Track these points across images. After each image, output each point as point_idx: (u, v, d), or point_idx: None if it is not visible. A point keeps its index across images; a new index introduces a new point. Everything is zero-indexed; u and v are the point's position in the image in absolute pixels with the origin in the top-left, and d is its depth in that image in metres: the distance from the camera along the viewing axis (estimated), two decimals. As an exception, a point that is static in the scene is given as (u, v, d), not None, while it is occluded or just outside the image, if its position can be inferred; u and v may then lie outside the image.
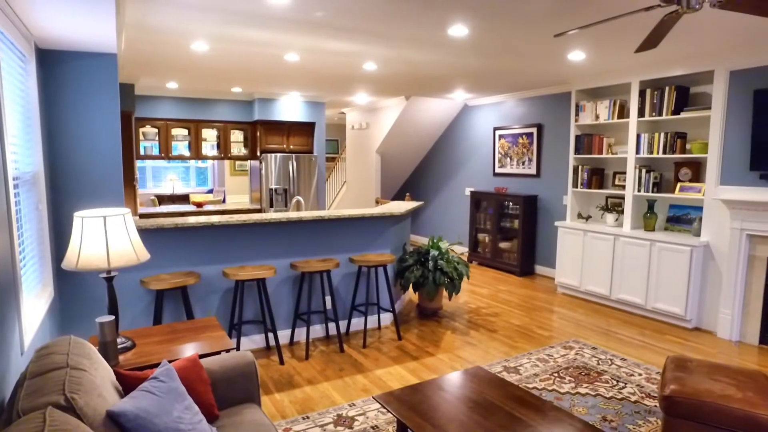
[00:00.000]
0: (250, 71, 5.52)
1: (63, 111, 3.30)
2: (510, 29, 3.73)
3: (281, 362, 3.88)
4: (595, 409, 3.15)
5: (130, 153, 5.81)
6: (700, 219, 4.82)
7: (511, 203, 7.08)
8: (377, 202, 8.52)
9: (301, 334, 4.41)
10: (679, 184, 4.96)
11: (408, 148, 9.03)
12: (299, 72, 5.56)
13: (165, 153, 7.13)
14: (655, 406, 3.21)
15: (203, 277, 3.93)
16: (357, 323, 4.70)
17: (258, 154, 7.53)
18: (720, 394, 2.45)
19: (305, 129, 7.85)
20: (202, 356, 2.39)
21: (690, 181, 4.92)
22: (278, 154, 7.44)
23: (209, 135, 7.55)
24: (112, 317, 2.24)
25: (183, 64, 5.07)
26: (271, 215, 4.17)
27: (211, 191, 11.67)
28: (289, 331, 4.35)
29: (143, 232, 3.65)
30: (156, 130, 7.06)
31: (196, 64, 5.11)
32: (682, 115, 4.82)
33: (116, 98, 3.43)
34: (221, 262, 3.98)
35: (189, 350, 2.46)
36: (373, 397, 2.74)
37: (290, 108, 7.64)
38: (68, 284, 3.42)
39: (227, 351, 2.48)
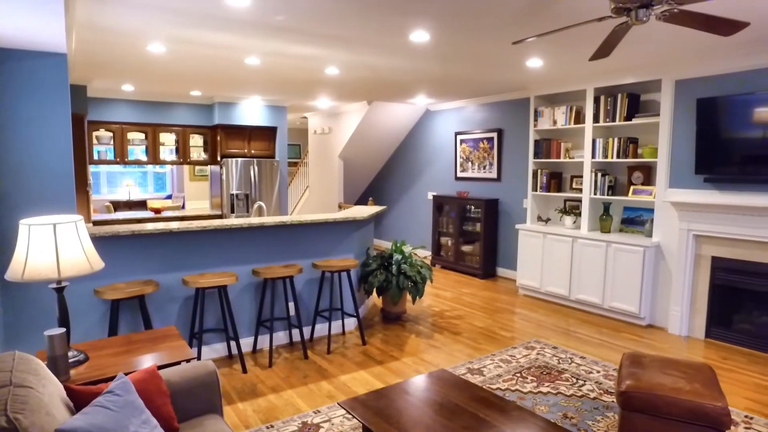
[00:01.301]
0: (209, 75, 5.41)
1: (8, 112, 3.15)
2: (470, 36, 3.80)
3: (244, 371, 3.80)
4: (556, 407, 3.22)
5: (82, 157, 5.59)
6: (652, 220, 5.03)
7: (472, 207, 7.19)
8: (340, 207, 8.49)
9: (264, 341, 4.34)
10: (632, 187, 5.16)
11: (371, 152, 9.05)
12: (260, 76, 5.49)
13: (120, 158, 6.90)
14: (613, 401, 3.32)
15: (162, 285, 3.81)
16: (321, 329, 4.66)
17: (218, 158, 7.38)
18: (671, 387, 2.56)
19: (267, 133, 7.75)
20: (160, 367, 2.32)
21: (642, 184, 5.12)
22: (239, 159, 7.32)
23: (167, 139, 7.35)
24: (63, 330, 2.14)
25: (139, 66, 4.92)
26: (233, 221, 4.09)
27: (169, 197, 11.35)
28: (251, 339, 4.27)
29: (97, 240, 3.52)
30: (111, 134, 6.83)
31: (153, 67, 4.97)
32: (634, 121, 5.02)
33: (67, 100, 3.30)
34: (181, 270, 3.87)
35: (147, 361, 2.38)
36: (338, 404, 2.72)
37: (251, 112, 7.53)
38: (13, 296, 3.25)
39: (187, 361, 2.41)
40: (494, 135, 7.03)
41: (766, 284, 4.23)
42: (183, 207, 10.20)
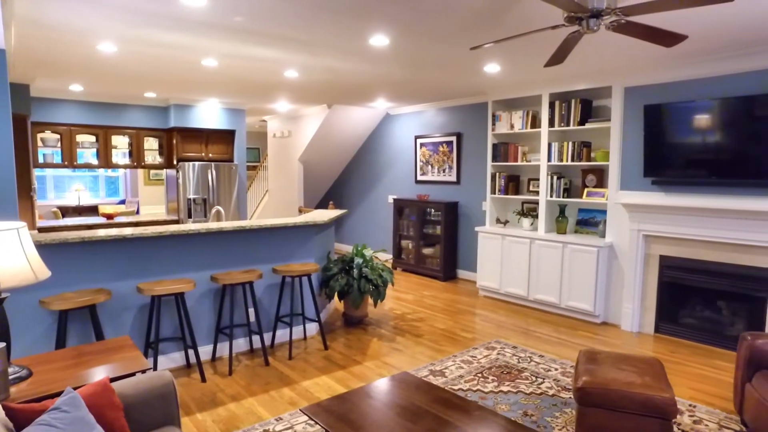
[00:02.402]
0: (164, 76, 5.26)
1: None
2: (429, 41, 3.85)
3: (203, 380, 3.69)
4: (516, 405, 3.29)
5: (25, 160, 5.32)
6: (605, 221, 5.22)
7: (433, 210, 7.27)
8: (300, 211, 8.41)
9: (223, 349, 4.23)
10: (586, 190, 5.34)
11: (331, 156, 9.01)
12: (218, 78, 5.38)
13: (69, 161, 6.60)
14: (570, 397, 3.41)
15: (115, 294, 3.66)
16: (282, 335, 4.59)
17: (175, 162, 7.17)
18: (624, 382, 2.66)
19: (225, 137, 7.59)
20: (113, 379, 2.22)
21: (595, 186, 5.31)
22: (197, 163, 7.13)
23: (120, 142, 7.09)
24: (2, 344, 2.02)
25: (88, 65, 4.73)
26: (190, 226, 3.98)
27: (123, 202, 10.95)
28: (210, 347, 4.16)
29: (43, 248, 3.35)
30: (58, 136, 6.52)
31: (103, 66, 4.79)
32: (587, 125, 5.20)
33: (6, 99, 3.13)
34: (135, 278, 3.73)
35: (98, 374, 2.27)
36: (300, 410, 2.69)
37: (209, 115, 7.37)
38: (-48, 308, 3.05)
39: (143, 372, 2.32)
40: (453, 139, 7.14)
41: (708, 281, 4.46)
42: (137, 212, 9.85)
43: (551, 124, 5.51)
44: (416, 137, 7.77)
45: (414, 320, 5.23)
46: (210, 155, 7.43)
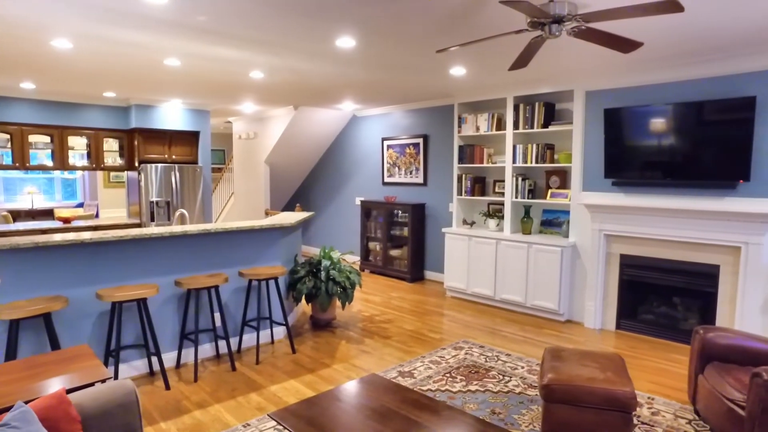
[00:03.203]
0: (125, 75, 5.10)
1: None
2: (395, 43, 3.86)
3: (167, 387, 3.60)
4: (484, 404, 3.33)
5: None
6: (568, 222, 5.35)
7: (400, 211, 7.30)
8: (267, 214, 8.30)
9: (188, 355, 4.13)
10: (549, 191, 5.46)
11: (297, 158, 8.94)
12: (181, 78, 5.26)
13: (20, 163, 6.32)
14: (536, 395, 3.48)
15: (73, 301, 3.52)
16: (249, 339, 4.52)
17: (136, 164, 6.97)
18: (587, 378, 2.73)
19: (189, 138, 7.42)
20: (70, 391, 2.14)
21: (559, 187, 5.44)
22: (159, 165, 6.95)
23: (78, 143, 6.83)
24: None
25: (40, 62, 4.54)
26: (153, 230, 3.87)
27: (81, 205, 10.56)
28: (175, 353, 4.05)
29: (-6, 254, 3.19)
30: (8, 137, 6.23)
31: (58, 64, 4.61)
32: (550, 128, 5.33)
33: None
34: (95, 284, 3.60)
35: (53, 386, 2.18)
36: (268, 415, 2.65)
37: (172, 116, 7.19)
38: None
39: (103, 381, 2.24)
40: (420, 141, 7.19)
41: (664, 278, 4.64)
42: (96, 216, 9.52)
43: (516, 126, 5.61)
44: (383, 139, 7.79)
45: (382, 322, 5.23)
46: (173, 157, 7.25)
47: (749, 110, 4.00)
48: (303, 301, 5.84)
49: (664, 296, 4.76)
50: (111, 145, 7.11)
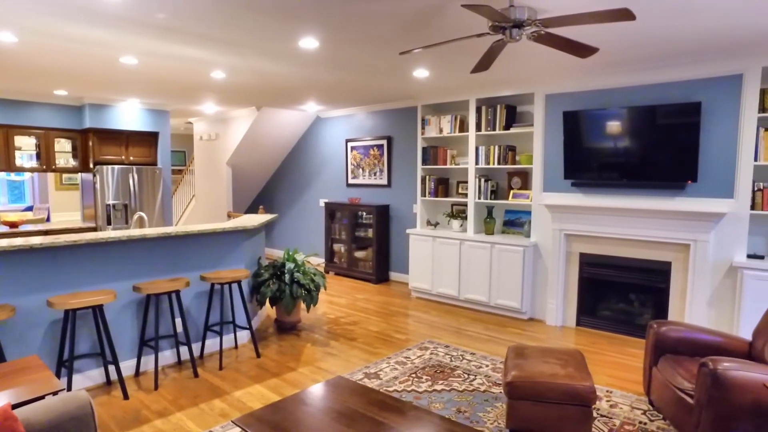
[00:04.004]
0: (77, 73, 4.91)
1: None
2: (359, 45, 3.86)
3: (125, 397, 3.47)
4: (450, 403, 3.36)
5: None
6: (530, 222, 5.48)
7: (364, 213, 7.30)
8: (229, 216, 8.15)
9: (148, 362, 4.00)
10: (511, 192, 5.58)
11: (260, 159, 8.81)
12: (138, 77, 5.10)
13: (-35, 165, 5.98)
14: (501, 392, 3.55)
15: (20, 310, 3.35)
16: (212, 344, 4.42)
17: (91, 165, 6.71)
18: (549, 374, 2.80)
19: (147, 139, 7.20)
20: (17, 406, 2.04)
21: (520, 188, 5.56)
22: (116, 166, 6.71)
23: (25, 143, 6.52)
24: None
25: (-13, 60, 4.33)
26: (109, 234, 3.74)
27: (30, 209, 10.08)
28: (134, 361, 3.92)
29: (-65, 261, 3.01)
30: (-49, 138, 5.89)
31: (1, 59, 4.39)
32: (512, 130, 5.44)
33: None
34: (46, 291, 3.44)
35: None
36: (232, 421, 2.60)
37: (129, 116, 6.96)
38: None
39: (54, 394, 2.14)
40: (384, 142, 7.21)
41: (621, 275, 4.81)
42: (48, 219, 9.12)
43: (478, 128, 5.71)
44: (347, 140, 7.78)
45: (348, 324, 5.21)
46: (131, 158, 7.02)
47: (695, 115, 4.19)
48: (267, 304, 5.76)
49: (622, 293, 4.94)
50: (63, 145, 6.82)
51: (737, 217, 4.14)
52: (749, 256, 4.14)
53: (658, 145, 4.41)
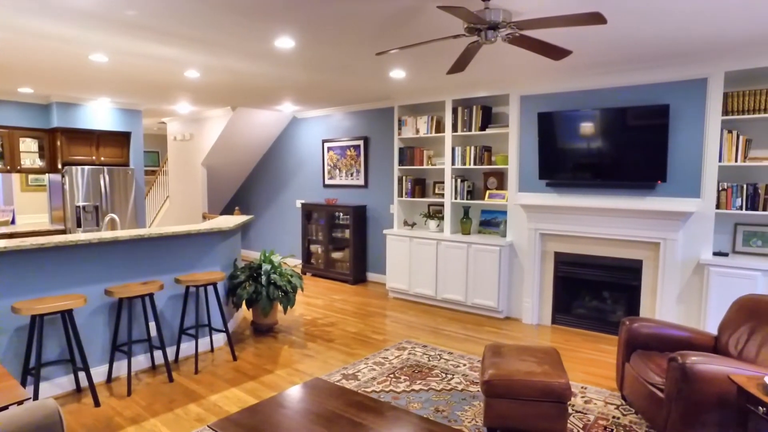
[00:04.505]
0: (42, 70, 4.77)
1: None
2: (335, 45, 3.85)
3: (96, 404, 3.38)
4: (428, 403, 3.38)
5: None
6: (505, 222, 5.54)
7: (341, 214, 7.28)
8: (204, 218, 8.03)
9: (121, 367, 3.91)
10: (487, 192, 5.63)
11: (236, 160, 8.71)
12: (109, 75, 4.98)
13: (-75, 165, 5.74)
14: (478, 391, 3.58)
15: (-14, 314, 3.24)
16: (187, 348, 4.35)
17: (59, 166, 6.52)
18: (525, 372, 2.84)
19: (119, 139, 7.04)
20: (-14, 412, 1.96)
21: (496, 188, 5.62)
22: (86, 167, 6.54)
23: (-10, 144, 6.29)
24: None
25: (-51, 57, 4.16)
26: (79, 236, 3.64)
27: (-6, 211, 9.74)
28: (105, 367, 3.82)
29: None
30: None
31: (-31, 59, 4.24)
32: (488, 131, 5.50)
33: None
34: (11, 296, 3.33)
35: (-33, 407, 2.00)
36: (208, 426, 2.56)
37: (100, 115, 6.79)
38: None
39: (19, 403, 2.07)
40: (361, 143, 7.20)
41: (594, 274, 4.91)
42: (13, 222, 8.83)
43: (454, 129, 5.75)
44: (324, 141, 7.74)
45: (325, 325, 5.19)
46: (102, 159, 6.86)
47: (664, 117, 4.31)
48: (243, 306, 5.69)
49: (595, 291, 5.04)
50: (29, 145, 6.62)
51: (703, 216, 4.27)
52: (715, 254, 4.28)
53: (629, 146, 4.51)
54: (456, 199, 5.81)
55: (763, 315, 3.01)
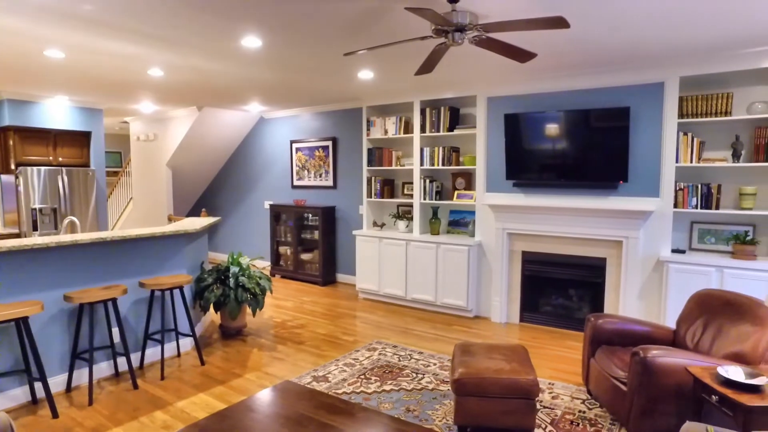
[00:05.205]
0: (-4, 68, 4.57)
1: None
2: (303, 45, 3.82)
3: (54, 415, 3.25)
4: (399, 403, 3.39)
5: None
6: (474, 222, 5.61)
7: (310, 215, 7.23)
8: (170, 220, 7.84)
9: (82, 376, 3.77)
10: (456, 192, 5.69)
11: (202, 161, 8.53)
12: (66, 72, 4.81)
13: None
14: (448, 389, 3.61)
15: (-66, 324, 3.07)
16: (153, 354, 4.23)
17: (12, 167, 6.25)
18: (494, 369, 2.88)
19: (78, 139, 6.80)
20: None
21: (464, 189, 5.69)
22: (43, 168, 6.29)
23: (-63, 144, 5.99)
24: None
25: None
26: (35, 240, 3.49)
27: (-58, 215, 9.26)
28: (65, 376, 3.68)
29: None
30: None
31: None
32: (456, 132, 5.56)
33: None
34: (-38, 303, 3.17)
35: None
36: (174, 434, 2.50)
37: (56, 113, 6.55)
38: None
39: (-25, 413, 1.98)
40: (329, 143, 7.17)
41: (560, 272, 5.02)
42: (-36, 226, 8.40)
43: (423, 130, 5.79)
44: (292, 142, 7.67)
45: (295, 327, 5.14)
46: (60, 159, 6.61)
47: (625, 119, 4.45)
48: (211, 310, 5.59)
49: (561, 289, 5.15)
50: (-18, 146, 6.32)
51: (663, 215, 4.43)
52: (673, 251, 4.44)
53: (592, 147, 4.64)
54: (425, 199, 5.85)
55: (717, 308, 3.14)
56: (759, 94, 4.11)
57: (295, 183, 7.73)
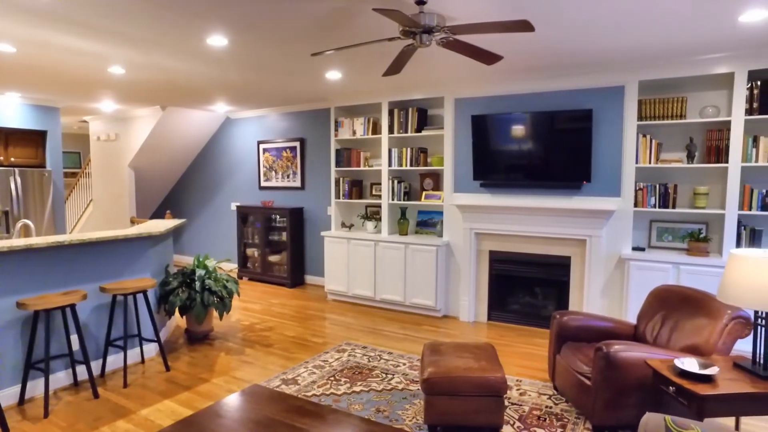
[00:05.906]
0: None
1: None
2: (270, 44, 3.78)
3: (5, 430, 3.11)
4: (369, 404, 3.38)
5: None
6: (442, 222, 5.66)
7: (278, 216, 7.15)
8: (133, 222, 7.62)
9: (37, 387, 3.62)
10: (424, 193, 5.73)
11: (167, 162, 8.33)
12: (18, 68, 4.61)
13: None
14: (418, 389, 3.63)
15: None
16: (115, 360, 4.10)
17: (-39, 168, 5.95)
18: (464, 368, 2.91)
19: (33, 138, 6.53)
20: None
21: (432, 189, 5.73)
22: (-7, 169, 6.02)
23: None
24: None
25: None
26: (-14, 245, 3.33)
27: None
28: (17, 388, 3.51)
29: None
30: None
31: None
32: (423, 132, 5.60)
33: None
34: None
35: None
36: (138, 443, 2.43)
37: (8, 112, 6.27)
38: None
39: None
40: (297, 144, 7.11)
41: (527, 271, 5.12)
42: None
43: (391, 130, 5.81)
44: (259, 142, 7.57)
45: (263, 330, 5.07)
46: (12, 159, 6.33)
47: (588, 121, 4.57)
48: (177, 314, 5.45)
49: (528, 287, 5.25)
50: (-72, 146, 6.00)
51: (624, 214, 4.58)
52: (634, 249, 4.59)
53: (557, 148, 4.75)
54: (393, 200, 5.87)
55: (674, 303, 3.27)
56: (711, 99, 4.30)
57: (263, 184, 7.63)
